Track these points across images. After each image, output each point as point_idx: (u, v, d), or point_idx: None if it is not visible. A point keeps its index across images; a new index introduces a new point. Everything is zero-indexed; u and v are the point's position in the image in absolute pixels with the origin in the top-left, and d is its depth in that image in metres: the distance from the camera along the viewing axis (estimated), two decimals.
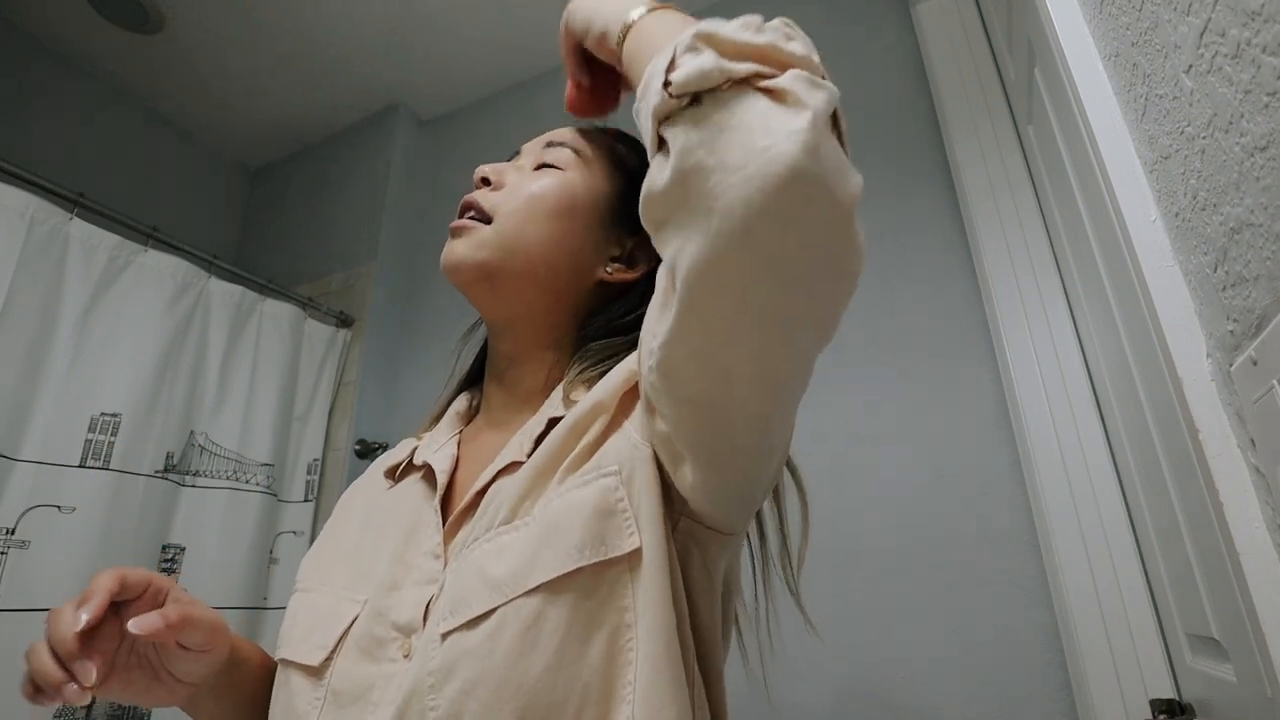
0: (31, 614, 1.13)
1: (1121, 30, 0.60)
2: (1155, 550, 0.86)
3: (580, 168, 0.59)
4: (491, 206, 0.57)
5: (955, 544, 1.12)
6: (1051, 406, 1.07)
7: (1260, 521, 0.48)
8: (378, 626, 0.46)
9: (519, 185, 0.58)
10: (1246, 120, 0.41)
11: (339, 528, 0.59)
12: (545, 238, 0.56)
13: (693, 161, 0.33)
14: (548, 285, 0.57)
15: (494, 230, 0.56)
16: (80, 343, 1.29)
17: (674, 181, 0.34)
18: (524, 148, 0.63)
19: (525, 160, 0.61)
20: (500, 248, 0.55)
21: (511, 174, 0.59)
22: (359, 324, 1.88)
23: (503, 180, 0.58)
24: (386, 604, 0.47)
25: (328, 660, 0.46)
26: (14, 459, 1.17)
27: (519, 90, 2.07)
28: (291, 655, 0.48)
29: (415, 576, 0.47)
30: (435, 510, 0.51)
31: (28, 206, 1.23)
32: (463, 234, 0.56)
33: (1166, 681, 0.89)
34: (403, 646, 0.45)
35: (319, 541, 0.61)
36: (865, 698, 1.09)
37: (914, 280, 1.31)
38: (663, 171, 0.34)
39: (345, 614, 0.48)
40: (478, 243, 0.55)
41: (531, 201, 0.57)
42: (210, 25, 1.88)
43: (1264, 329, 0.42)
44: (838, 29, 1.61)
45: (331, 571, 0.54)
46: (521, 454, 0.50)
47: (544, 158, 0.60)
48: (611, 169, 0.61)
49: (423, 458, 0.57)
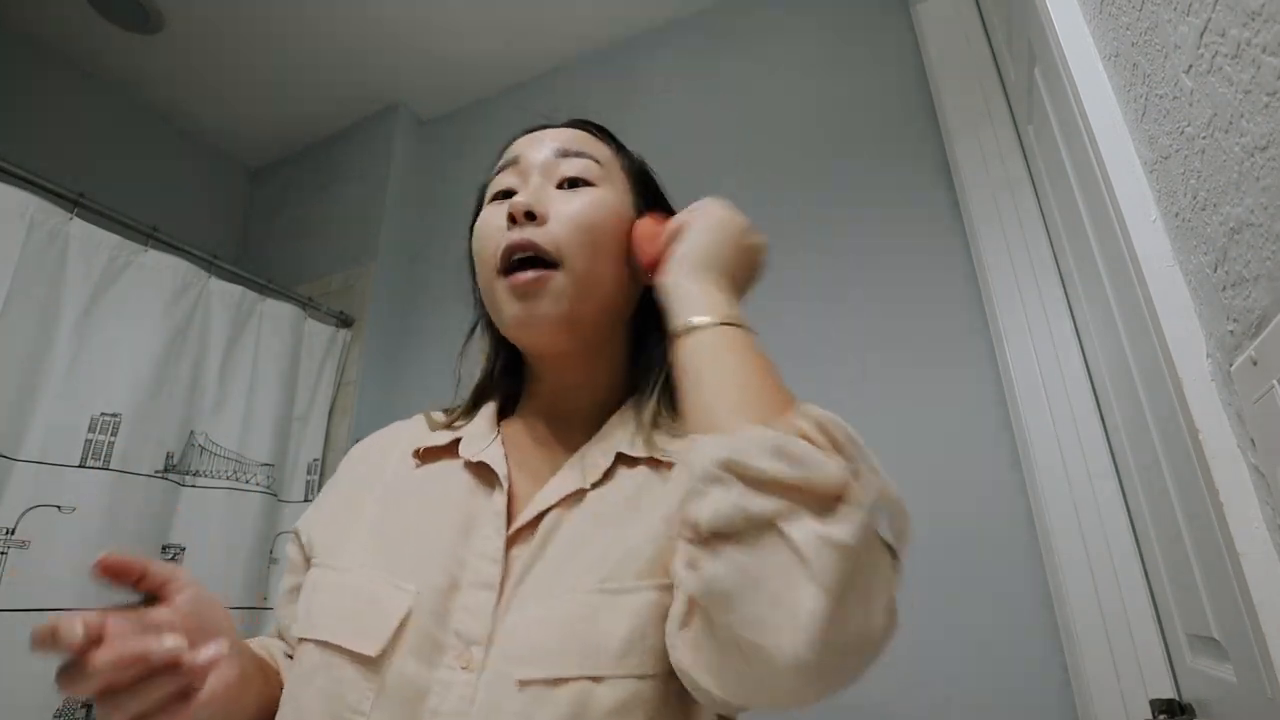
0: (32, 614, 1.13)
1: (1121, 30, 0.60)
2: (1155, 550, 0.86)
3: (606, 179, 0.57)
4: (554, 246, 0.51)
5: (955, 544, 1.12)
6: (1051, 406, 1.07)
7: (1260, 521, 0.48)
8: (438, 630, 0.44)
9: (565, 214, 0.53)
10: (1246, 120, 0.41)
11: (356, 497, 0.56)
12: (613, 267, 0.54)
13: (718, 594, 0.34)
14: (619, 310, 0.57)
15: (568, 276, 0.51)
16: (80, 343, 1.29)
17: (702, 594, 0.35)
18: (523, 155, 0.57)
19: (538, 176, 0.56)
20: (580, 292, 0.52)
21: (551, 203, 0.54)
22: (359, 324, 1.88)
23: (545, 211, 0.53)
24: (447, 606, 0.45)
25: (384, 653, 0.43)
26: (14, 459, 1.17)
27: (519, 90, 2.07)
28: (337, 639, 0.45)
29: (472, 578, 0.46)
30: (498, 513, 0.50)
31: (28, 206, 1.23)
32: (539, 292, 0.51)
33: (1166, 681, 0.89)
34: (461, 657, 0.43)
35: (327, 506, 0.57)
36: (865, 698, 1.09)
37: (914, 280, 1.31)
38: (692, 576, 0.36)
39: (396, 604, 0.45)
40: (558, 295, 0.51)
41: (592, 233, 0.53)
42: (210, 25, 1.88)
43: (1264, 329, 0.42)
44: (838, 29, 1.61)
45: (359, 548, 0.51)
46: (586, 481, 0.49)
47: (565, 171, 0.55)
48: (625, 174, 0.60)
49: (472, 451, 0.54)
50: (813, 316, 1.37)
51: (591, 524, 0.48)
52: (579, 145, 0.57)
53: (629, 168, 0.61)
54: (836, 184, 1.46)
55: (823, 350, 1.34)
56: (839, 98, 1.53)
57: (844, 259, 1.39)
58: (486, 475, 0.53)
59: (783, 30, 1.69)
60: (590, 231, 0.53)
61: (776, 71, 1.65)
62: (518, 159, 0.57)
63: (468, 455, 0.54)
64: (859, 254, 1.39)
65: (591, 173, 0.56)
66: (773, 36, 1.70)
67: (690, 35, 1.83)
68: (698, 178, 1.64)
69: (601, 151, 0.58)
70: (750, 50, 1.71)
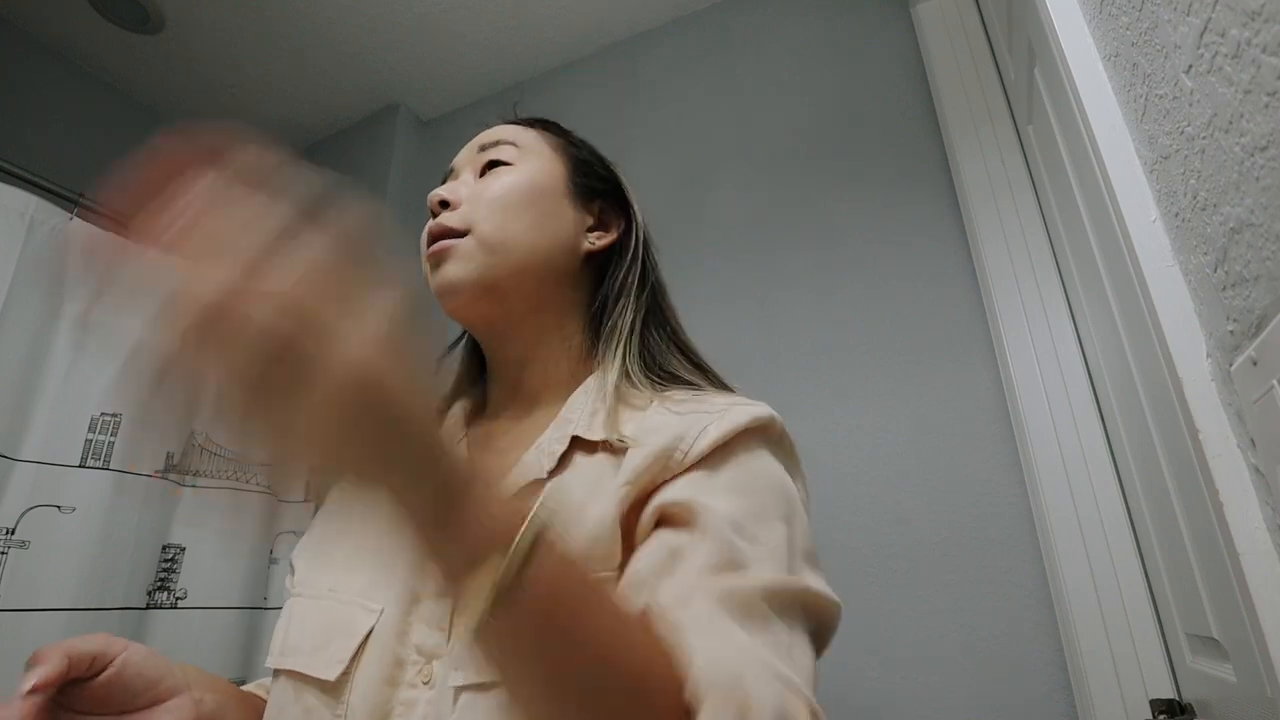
0: (31, 614, 1.13)
1: (1121, 30, 0.60)
2: (1155, 550, 0.86)
3: (527, 157, 0.59)
4: (462, 221, 0.54)
5: (955, 544, 1.12)
6: (1051, 406, 1.07)
7: (1260, 521, 0.48)
8: (400, 647, 0.44)
9: (478, 194, 0.56)
10: (1246, 120, 0.41)
11: (336, 522, 0.57)
12: (528, 228, 0.55)
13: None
14: (544, 274, 0.56)
15: (476, 240, 0.54)
16: (80, 343, 1.29)
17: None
18: (457, 162, 0.61)
19: (466, 174, 0.59)
20: (491, 253, 0.53)
21: (463, 188, 0.57)
22: None
23: (459, 198, 0.56)
24: (408, 621, 0.45)
25: (345, 675, 0.43)
26: (14, 459, 1.17)
27: (519, 90, 2.07)
28: (302, 667, 0.45)
29: (431, 589, 0.46)
30: None
31: (28, 206, 1.23)
32: (447, 256, 0.53)
33: (1166, 681, 0.89)
34: (423, 672, 0.43)
35: (314, 535, 0.58)
36: (865, 698, 1.09)
37: (914, 280, 1.31)
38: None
39: (360, 624, 0.45)
40: (465, 256, 0.53)
41: (500, 201, 0.55)
42: (210, 25, 1.87)
43: (1264, 329, 0.42)
44: (838, 29, 1.61)
45: (334, 573, 0.51)
46: (541, 470, 0.49)
47: (485, 160, 0.58)
48: (552, 150, 0.61)
49: None
50: (813, 316, 1.37)
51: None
52: (497, 136, 0.60)
53: (558, 144, 0.62)
54: (836, 184, 1.46)
55: (823, 349, 1.34)
56: (839, 98, 1.53)
57: (844, 259, 1.40)
58: None
59: (782, 30, 1.69)
60: (498, 200, 0.55)
61: (776, 72, 1.65)
62: (453, 168, 0.61)
63: None
64: (859, 254, 1.39)
65: (506, 154, 0.58)
66: (772, 37, 1.70)
67: (690, 35, 1.83)
68: (697, 178, 1.64)
69: (522, 136, 0.60)
70: (750, 51, 1.71)
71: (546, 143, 0.61)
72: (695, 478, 0.45)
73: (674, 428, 0.47)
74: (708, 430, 0.46)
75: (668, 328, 0.60)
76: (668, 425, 0.48)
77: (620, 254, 0.60)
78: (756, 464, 0.47)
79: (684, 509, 0.42)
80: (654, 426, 0.48)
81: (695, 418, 0.48)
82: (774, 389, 1.30)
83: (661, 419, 0.49)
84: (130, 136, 2.07)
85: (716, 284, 1.49)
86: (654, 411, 0.50)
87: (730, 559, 0.40)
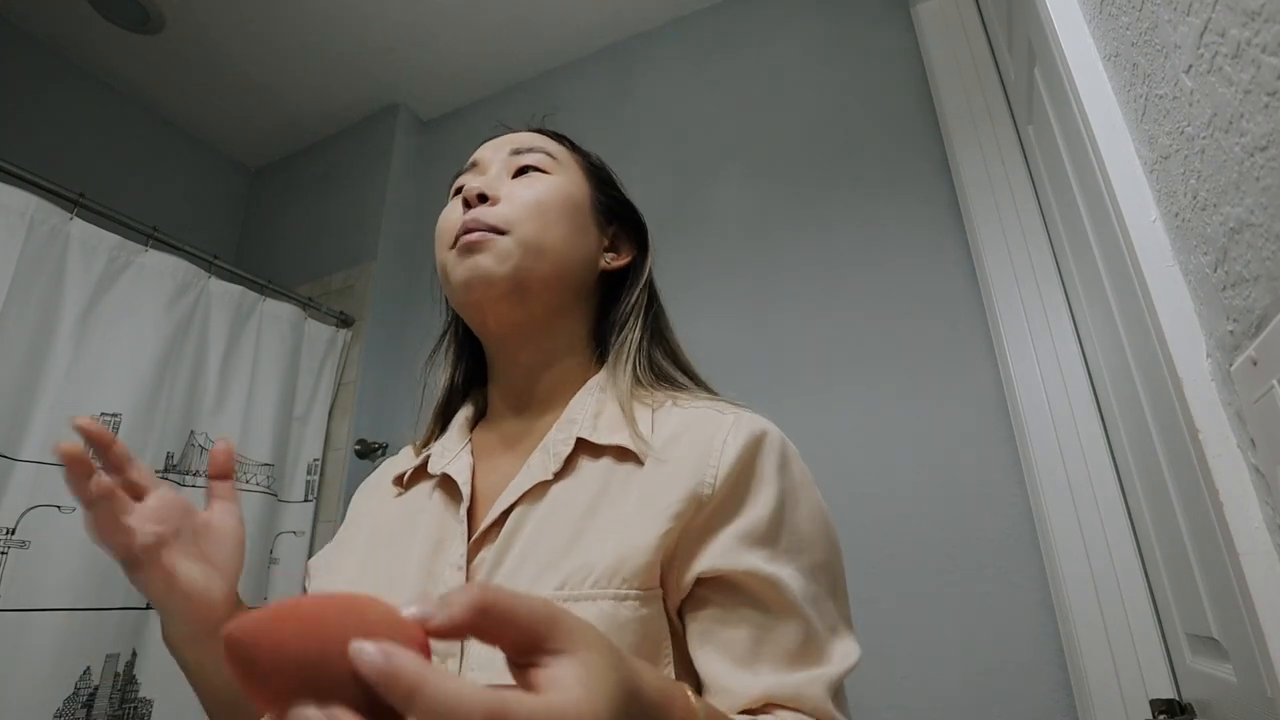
0: (32, 614, 1.13)
1: (1121, 30, 0.60)
2: (1155, 550, 0.86)
3: (560, 169, 0.60)
4: (502, 219, 0.54)
5: (955, 545, 1.12)
6: (1051, 406, 1.07)
7: (1260, 521, 0.48)
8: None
9: (517, 194, 0.56)
10: (1246, 120, 0.41)
11: (350, 534, 0.59)
12: (563, 239, 0.56)
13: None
14: (568, 284, 0.57)
15: (515, 240, 0.54)
16: (80, 343, 1.29)
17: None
18: (482, 157, 0.61)
19: (496, 170, 0.59)
20: (528, 255, 0.54)
21: (503, 186, 0.57)
22: (359, 324, 1.88)
23: (498, 194, 0.56)
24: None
25: None
26: (14, 459, 1.17)
27: (518, 90, 2.07)
28: None
29: (440, 589, 0.47)
30: (460, 520, 0.50)
31: (28, 206, 1.23)
32: (483, 248, 0.53)
33: (1166, 681, 0.89)
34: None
35: (332, 546, 0.60)
36: (865, 698, 1.09)
37: (914, 280, 1.31)
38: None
39: None
40: (504, 254, 0.53)
41: (541, 207, 0.56)
42: (210, 25, 1.88)
43: (1264, 329, 0.42)
44: (838, 29, 1.61)
45: (345, 580, 0.53)
46: (546, 472, 0.50)
47: (519, 163, 0.59)
48: (578, 168, 0.62)
49: (439, 466, 0.56)
50: (813, 316, 1.37)
51: (554, 522, 0.48)
52: (532, 143, 0.61)
53: (585, 164, 0.64)
54: (836, 184, 1.46)
55: (822, 350, 1.34)
56: (839, 98, 1.53)
57: (844, 259, 1.40)
58: (452, 487, 0.54)
59: (782, 31, 1.69)
60: (539, 206, 0.56)
61: (776, 72, 1.65)
62: (477, 162, 0.61)
63: (435, 470, 0.56)
64: (859, 254, 1.39)
65: (544, 163, 0.59)
66: (772, 37, 1.70)
67: (690, 35, 1.83)
68: (697, 178, 1.64)
69: (556, 148, 0.62)
70: (750, 51, 1.71)
71: (575, 160, 0.63)
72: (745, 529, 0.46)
73: (691, 434, 0.50)
74: (727, 444, 0.48)
75: (668, 346, 0.62)
76: (685, 428, 0.50)
77: (635, 275, 0.62)
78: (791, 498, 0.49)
79: (758, 580, 0.44)
80: (672, 433, 0.50)
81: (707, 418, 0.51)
82: (774, 388, 1.30)
83: (675, 417, 0.52)
84: (130, 136, 2.08)
85: (715, 284, 1.49)
86: (666, 410, 0.53)
87: (807, 639, 0.45)
